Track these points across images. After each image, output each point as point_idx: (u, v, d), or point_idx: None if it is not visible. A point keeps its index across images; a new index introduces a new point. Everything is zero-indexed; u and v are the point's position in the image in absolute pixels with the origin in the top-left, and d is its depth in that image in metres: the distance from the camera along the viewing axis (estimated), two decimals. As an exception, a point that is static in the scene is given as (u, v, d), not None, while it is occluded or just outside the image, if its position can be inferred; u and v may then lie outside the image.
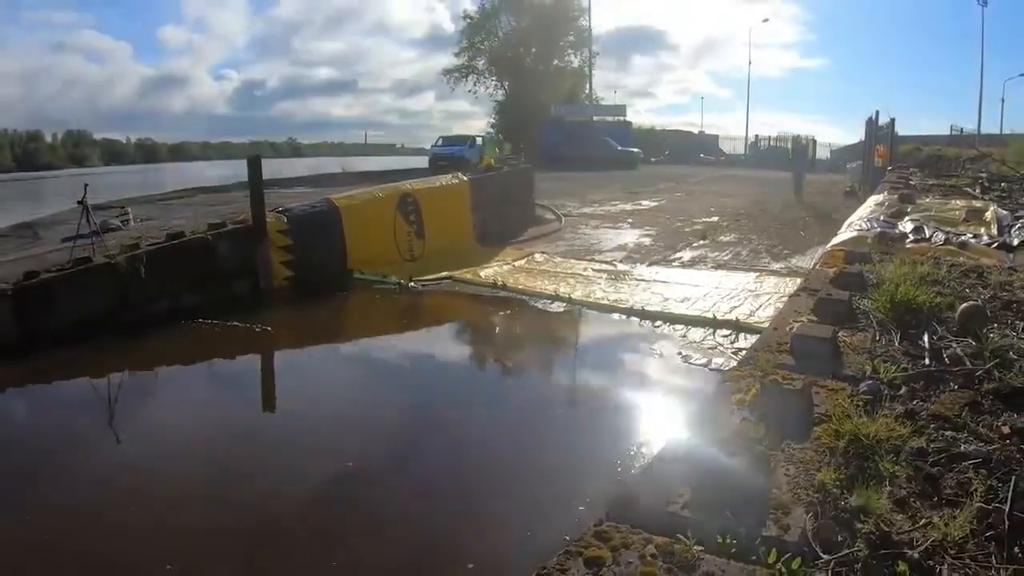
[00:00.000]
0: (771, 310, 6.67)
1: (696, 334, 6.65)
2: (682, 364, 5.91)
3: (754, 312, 7.05)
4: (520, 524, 3.57)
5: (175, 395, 5.84)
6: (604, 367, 6.29)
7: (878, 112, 18.06)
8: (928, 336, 3.12)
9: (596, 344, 7.25)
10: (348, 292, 8.82)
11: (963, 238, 6.00)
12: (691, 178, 23.70)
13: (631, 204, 16.24)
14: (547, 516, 3.60)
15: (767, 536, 1.66)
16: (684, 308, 7.36)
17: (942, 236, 6.08)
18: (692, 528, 1.67)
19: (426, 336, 7.72)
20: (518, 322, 7.79)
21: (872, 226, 6.53)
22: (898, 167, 15.11)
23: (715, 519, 1.71)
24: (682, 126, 55.49)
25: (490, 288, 8.60)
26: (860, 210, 8.17)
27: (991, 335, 3.03)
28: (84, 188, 7.57)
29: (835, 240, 6.38)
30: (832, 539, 1.64)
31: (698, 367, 5.78)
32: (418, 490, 3.99)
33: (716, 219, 13.81)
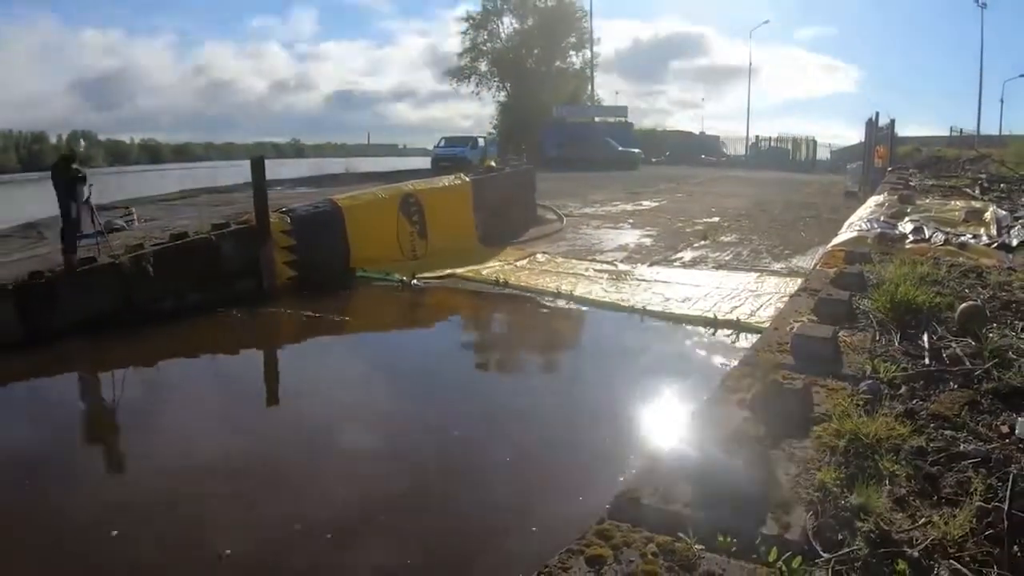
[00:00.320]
0: (772, 310, 6.68)
1: (697, 334, 6.67)
2: (683, 364, 5.91)
3: (755, 312, 7.06)
4: (519, 522, 3.59)
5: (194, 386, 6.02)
6: (605, 365, 6.29)
7: (878, 113, 18.05)
8: (928, 336, 3.14)
9: (597, 342, 7.26)
10: (351, 290, 8.86)
11: (963, 238, 6.01)
12: (692, 179, 23.68)
13: (632, 204, 16.23)
14: (549, 508, 3.66)
15: (767, 535, 1.68)
16: (685, 308, 7.37)
17: (942, 236, 6.10)
18: (693, 526, 1.69)
19: (432, 330, 7.88)
20: (520, 318, 7.85)
21: (872, 226, 6.55)
22: (898, 168, 15.11)
23: (716, 518, 1.73)
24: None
25: (492, 285, 8.65)
26: (860, 210, 8.18)
27: (990, 335, 3.04)
28: (88, 188, 7.57)
29: (835, 240, 6.40)
30: (832, 538, 1.65)
31: (699, 366, 5.79)
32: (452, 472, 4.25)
33: (717, 219, 13.81)
